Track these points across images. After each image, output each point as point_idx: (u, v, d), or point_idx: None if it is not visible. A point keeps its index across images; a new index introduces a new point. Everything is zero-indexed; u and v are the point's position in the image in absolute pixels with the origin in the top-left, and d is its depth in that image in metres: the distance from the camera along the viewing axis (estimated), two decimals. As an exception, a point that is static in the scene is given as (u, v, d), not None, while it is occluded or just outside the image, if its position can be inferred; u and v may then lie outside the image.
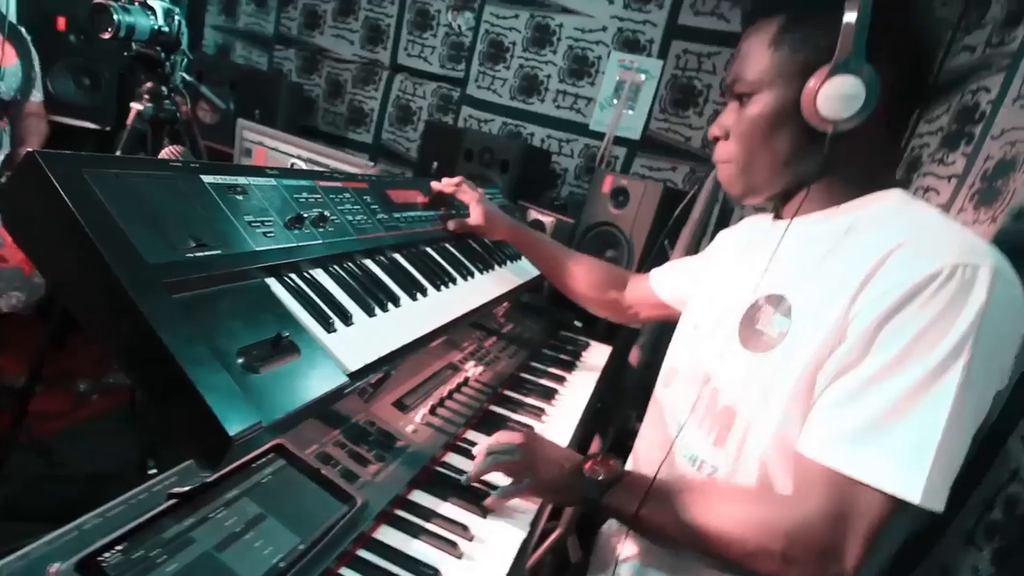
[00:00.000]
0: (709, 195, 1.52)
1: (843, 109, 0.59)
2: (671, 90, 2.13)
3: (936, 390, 0.51)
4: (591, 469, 0.73)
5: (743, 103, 0.67)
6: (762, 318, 0.66)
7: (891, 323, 0.54)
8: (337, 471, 0.71)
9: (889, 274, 0.55)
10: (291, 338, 0.57)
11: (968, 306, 0.52)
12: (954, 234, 0.57)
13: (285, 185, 0.74)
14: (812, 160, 0.64)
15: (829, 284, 0.60)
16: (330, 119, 2.80)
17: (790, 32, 0.63)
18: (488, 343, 1.28)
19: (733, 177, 0.71)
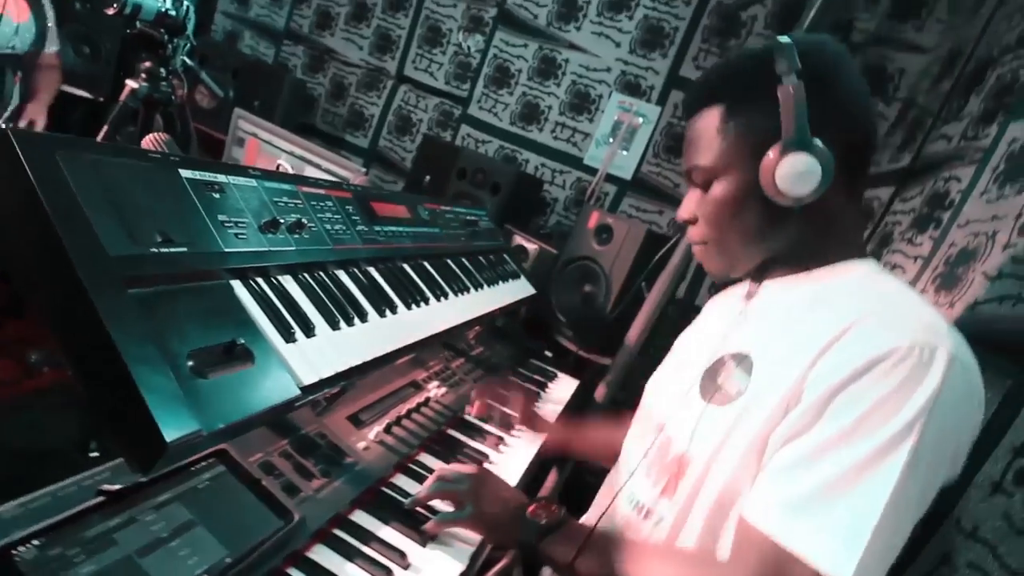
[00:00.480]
0: (689, 244, 1.55)
1: (803, 185, 0.61)
2: (666, 137, 2.19)
3: (881, 468, 0.51)
4: (533, 512, 0.73)
5: (705, 188, 0.69)
6: (724, 373, 0.67)
7: (844, 394, 0.54)
8: (279, 483, 0.70)
9: (848, 345, 0.56)
10: (247, 345, 0.56)
11: (922, 387, 0.52)
12: (917, 312, 0.58)
13: (266, 187, 0.74)
14: (782, 233, 0.67)
15: (791, 348, 0.61)
16: (329, 119, 2.80)
17: (734, 118, 0.65)
18: (455, 364, 1.27)
19: (710, 257, 0.73)
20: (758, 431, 0.60)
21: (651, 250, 1.64)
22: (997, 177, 1.02)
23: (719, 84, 0.69)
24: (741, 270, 0.73)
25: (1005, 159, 1.02)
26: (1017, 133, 1.02)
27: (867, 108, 0.67)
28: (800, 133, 0.60)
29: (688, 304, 2.16)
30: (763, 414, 0.59)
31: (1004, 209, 0.94)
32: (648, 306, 1.60)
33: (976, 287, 0.93)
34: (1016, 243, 0.87)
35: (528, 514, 0.73)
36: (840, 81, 0.64)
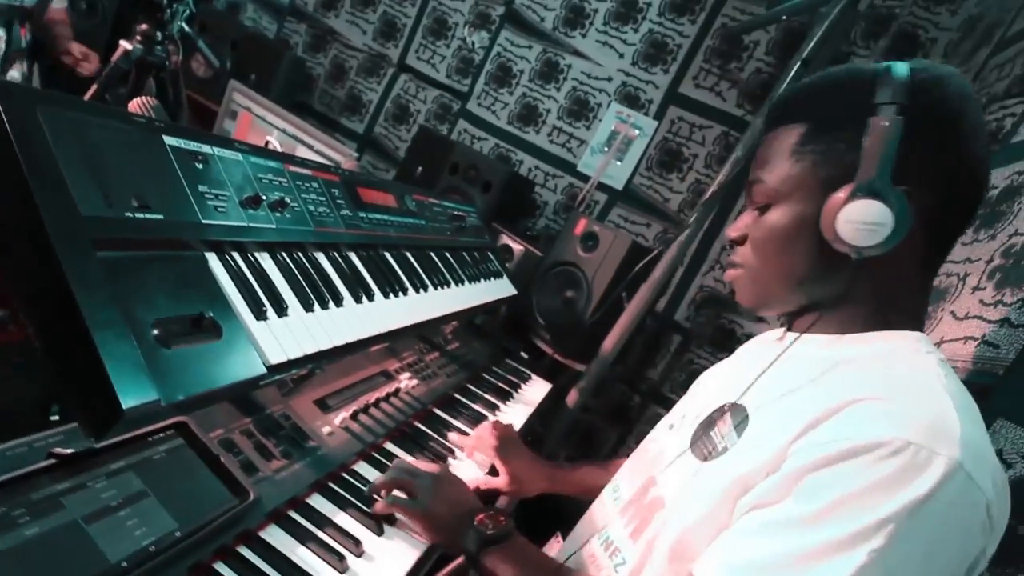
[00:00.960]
0: (673, 258, 1.57)
1: (867, 236, 0.53)
2: (660, 151, 2.21)
3: (831, 563, 0.46)
4: (481, 521, 0.72)
5: (762, 211, 0.63)
6: (718, 426, 0.63)
7: (818, 475, 0.49)
8: (237, 461, 0.69)
9: (839, 424, 0.50)
10: (215, 319, 0.56)
11: (905, 491, 0.45)
12: (930, 408, 0.49)
13: (252, 162, 0.73)
14: (831, 283, 0.59)
15: (787, 414, 0.55)
16: (326, 101, 2.77)
17: (812, 143, 0.58)
18: (429, 357, 1.27)
19: (745, 285, 0.66)
20: (726, 493, 0.55)
21: (635, 261, 1.65)
22: (974, 222, 1.05)
23: (807, 101, 0.62)
24: (774, 310, 0.67)
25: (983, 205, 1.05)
26: (996, 181, 1.05)
27: (977, 167, 0.56)
28: (879, 176, 0.52)
29: (667, 318, 2.19)
30: (736, 477, 0.55)
31: (977, 253, 0.96)
32: (626, 316, 1.62)
33: (944, 326, 0.95)
34: (984, 287, 0.90)
35: (476, 522, 0.72)
36: (951, 129, 0.55)
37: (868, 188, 0.53)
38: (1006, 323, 0.80)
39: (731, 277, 0.68)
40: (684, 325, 2.16)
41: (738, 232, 0.66)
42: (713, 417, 0.65)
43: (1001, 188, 1.02)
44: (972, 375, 0.82)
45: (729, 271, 0.69)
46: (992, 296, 0.87)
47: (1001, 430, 0.71)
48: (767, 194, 0.62)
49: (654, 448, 0.78)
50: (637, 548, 0.64)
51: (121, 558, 0.52)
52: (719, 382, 0.77)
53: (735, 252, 0.67)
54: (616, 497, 0.77)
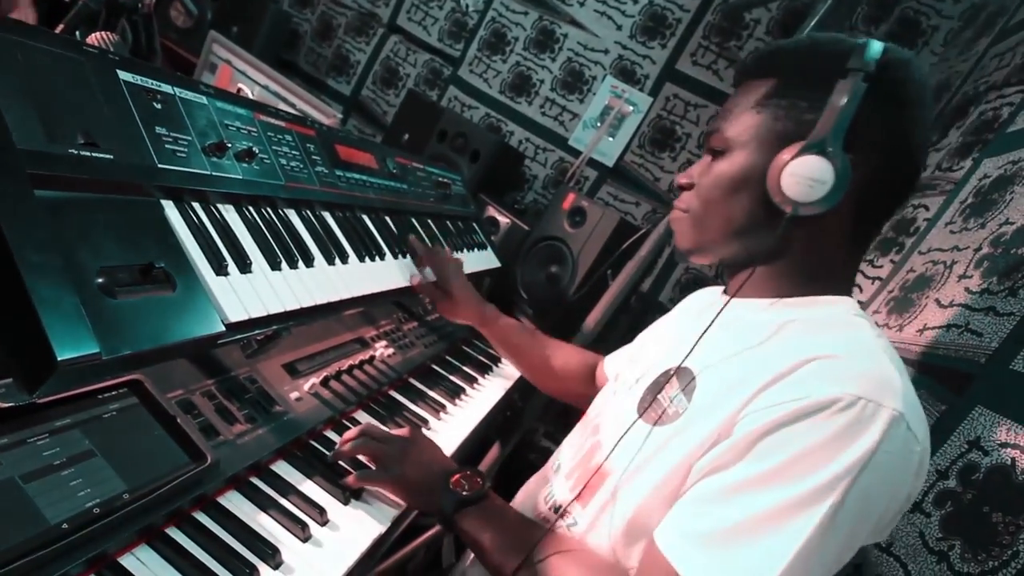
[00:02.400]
0: (660, 237, 1.55)
1: (806, 192, 0.55)
2: (653, 129, 2.16)
3: (794, 521, 0.47)
4: (456, 482, 0.70)
5: (715, 158, 0.65)
6: (666, 390, 0.63)
7: (773, 436, 0.50)
8: (197, 423, 0.66)
9: (791, 385, 0.52)
10: (168, 270, 0.52)
11: (855, 445, 0.47)
12: (875, 364, 0.52)
13: (218, 107, 0.68)
14: (766, 237, 0.61)
15: (737, 378, 0.56)
16: (312, 59, 2.67)
17: (777, 97, 0.61)
18: (407, 326, 1.24)
19: (685, 229, 0.68)
20: (682, 459, 0.56)
21: (622, 239, 1.62)
22: (964, 210, 1.03)
23: (782, 58, 0.63)
24: (708, 257, 0.69)
25: (974, 193, 1.04)
26: (989, 170, 1.04)
27: (918, 154, 0.60)
28: (833, 136, 0.54)
29: (651, 299, 2.18)
30: (691, 442, 0.56)
31: (966, 241, 0.95)
32: (610, 294, 1.60)
33: (927, 313, 0.94)
34: (971, 275, 0.88)
35: (451, 484, 0.70)
36: (907, 108, 0.58)
37: (819, 145, 0.55)
38: (991, 311, 0.79)
39: (673, 219, 0.70)
40: (668, 306, 2.15)
41: (687, 179, 0.68)
42: (659, 381, 0.66)
43: (994, 177, 1.00)
44: (953, 362, 0.81)
45: (673, 213, 0.70)
46: (978, 284, 0.86)
47: (980, 418, 0.71)
48: (722, 141, 0.64)
49: (593, 413, 0.78)
50: (588, 513, 0.64)
51: (62, 519, 0.49)
52: (662, 345, 0.77)
53: (681, 198, 0.69)
54: (559, 463, 0.76)
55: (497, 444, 1.79)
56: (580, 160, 2.18)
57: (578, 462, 0.71)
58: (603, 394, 0.85)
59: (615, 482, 0.61)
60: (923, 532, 0.68)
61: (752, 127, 0.61)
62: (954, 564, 0.62)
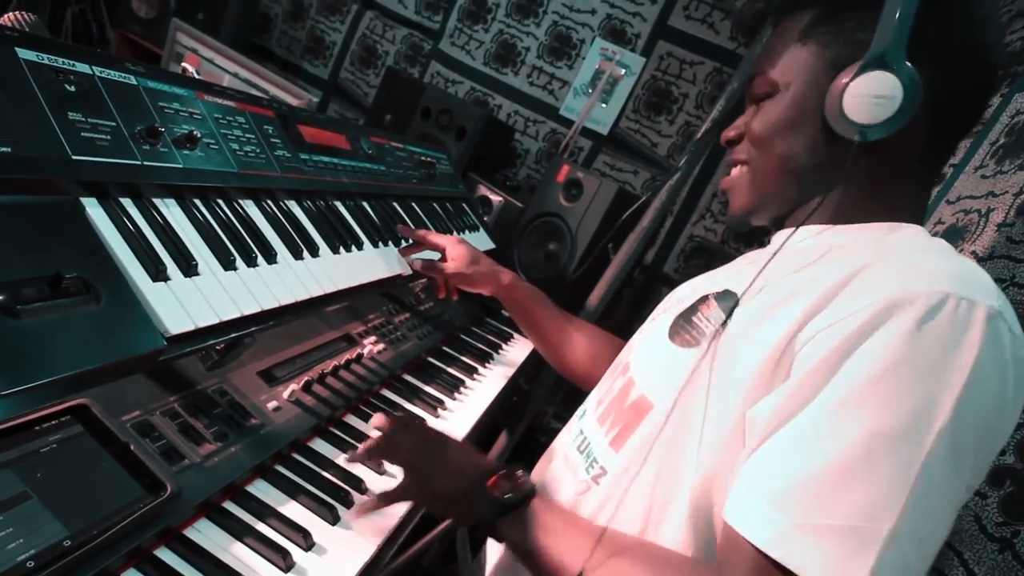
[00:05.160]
0: (661, 205, 1.46)
1: (873, 112, 0.49)
2: (648, 91, 2.05)
3: (897, 457, 0.39)
4: (495, 484, 0.60)
5: (761, 104, 0.59)
6: (702, 311, 0.57)
7: (847, 358, 0.42)
8: (156, 448, 0.58)
9: (854, 294, 0.44)
10: (87, 278, 0.44)
11: (957, 351, 0.39)
12: (955, 261, 0.46)
13: (149, 88, 0.59)
14: (830, 173, 0.54)
15: (785, 294, 0.50)
16: (286, 43, 2.55)
17: (822, 25, 0.55)
18: (399, 319, 1.16)
19: (743, 185, 0.61)
20: (729, 384, 0.49)
21: (621, 210, 1.53)
22: (996, 151, 0.94)
23: None
24: (770, 211, 0.61)
25: (1006, 132, 0.94)
26: (1021, 105, 0.94)
27: (990, 51, 0.53)
28: (895, 47, 0.48)
29: (656, 270, 2.09)
30: (736, 372, 0.49)
31: (1002, 185, 0.86)
32: (612, 269, 1.51)
33: (961, 268, 0.86)
34: (1013, 222, 0.80)
35: (489, 487, 0.60)
36: (968, 10, 0.52)
37: (880, 59, 0.49)
38: (1041, 262, 0.71)
39: (729, 180, 0.64)
40: (674, 277, 2.06)
41: (736, 131, 0.63)
42: (695, 306, 0.60)
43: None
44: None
45: (727, 176, 0.64)
46: (1023, 232, 0.77)
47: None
48: (768, 84, 0.58)
49: (624, 355, 0.71)
50: (621, 457, 0.58)
51: (-13, 579, 0.42)
52: (695, 286, 0.69)
53: (732, 152, 0.63)
54: (584, 409, 0.70)
55: (505, 432, 1.73)
56: (573, 130, 2.08)
57: (611, 403, 0.63)
58: (635, 338, 0.77)
59: (655, 418, 0.54)
60: (979, 515, 0.61)
61: (800, 60, 0.56)
62: (1021, 553, 0.55)
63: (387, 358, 1.00)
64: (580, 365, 1.00)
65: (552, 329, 1.02)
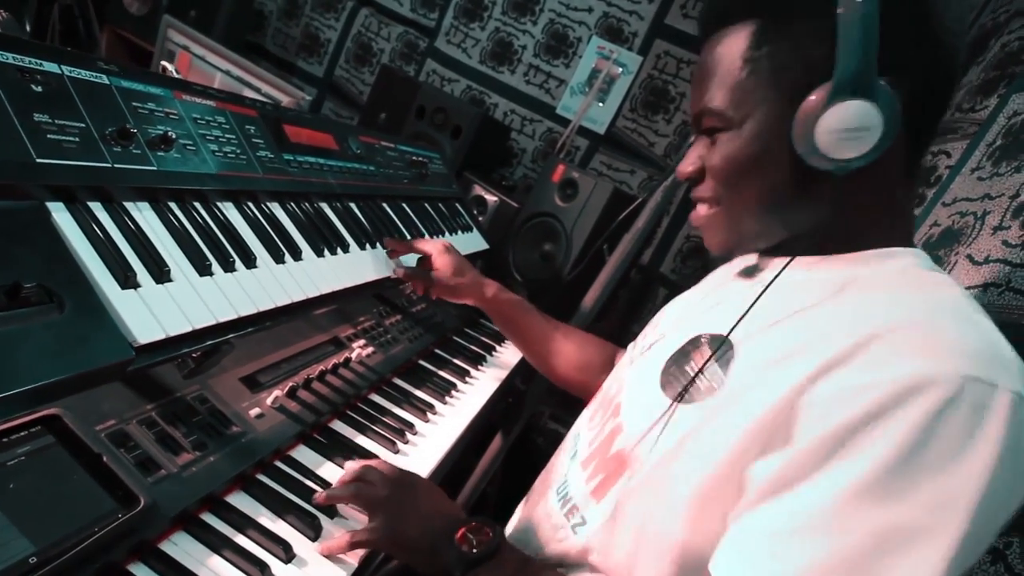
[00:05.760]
0: (657, 206, 1.44)
1: (851, 147, 0.44)
2: (645, 90, 2.03)
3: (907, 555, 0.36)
4: (462, 538, 0.59)
5: (716, 137, 0.53)
6: (695, 360, 0.53)
7: (858, 437, 0.39)
8: (131, 458, 0.57)
9: (868, 365, 0.40)
10: (50, 287, 0.42)
11: (975, 446, 0.36)
12: (973, 333, 0.42)
13: (122, 88, 0.57)
14: (812, 205, 0.50)
15: (787, 348, 0.46)
16: (281, 40, 2.53)
17: (768, 43, 0.48)
18: (389, 321, 1.15)
19: (714, 225, 0.56)
20: (725, 448, 0.46)
21: (617, 211, 1.51)
22: (992, 153, 0.92)
23: None
24: (748, 248, 0.58)
25: (1003, 134, 0.93)
26: (1019, 106, 0.93)
27: (961, 32, 0.48)
28: (863, 70, 0.42)
29: (652, 271, 2.08)
30: (735, 429, 0.46)
31: (998, 188, 0.85)
32: (608, 270, 1.50)
33: (959, 271, 0.84)
34: (1009, 225, 0.78)
35: (456, 540, 0.59)
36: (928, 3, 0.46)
37: (852, 85, 0.43)
38: (1039, 267, 0.69)
39: (700, 217, 0.57)
40: (671, 277, 2.05)
41: (693, 166, 0.56)
42: (686, 349, 0.56)
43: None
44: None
45: (697, 211, 0.58)
46: (1018, 236, 0.76)
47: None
48: (717, 118, 0.51)
49: (614, 387, 0.68)
50: (602, 509, 0.55)
51: (-54, 600, 0.40)
52: (687, 311, 0.66)
53: (696, 190, 0.57)
54: (576, 448, 0.67)
55: (500, 434, 1.71)
56: (569, 129, 2.06)
57: (597, 448, 0.61)
58: (620, 366, 0.74)
59: (636, 476, 0.52)
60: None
61: (750, 89, 0.49)
62: (1013, 565, 0.54)
63: (376, 361, 0.99)
64: (570, 374, 1.00)
65: (538, 339, 1.01)
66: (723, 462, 0.45)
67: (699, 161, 0.55)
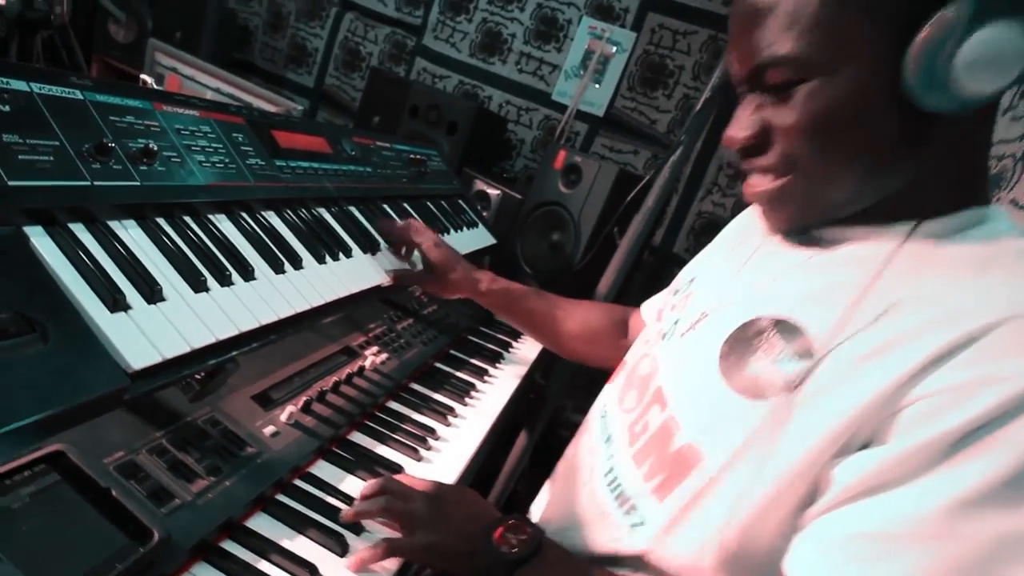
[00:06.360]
0: (666, 183, 1.39)
1: (993, 77, 0.38)
2: (641, 67, 1.98)
3: None
4: (500, 538, 0.56)
5: (790, 94, 0.44)
6: (764, 348, 0.47)
7: (972, 440, 0.35)
8: (143, 489, 0.54)
9: (979, 362, 0.36)
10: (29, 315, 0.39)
11: None
12: None
13: (97, 102, 0.54)
14: (917, 159, 0.43)
15: (885, 336, 0.40)
16: (268, 54, 2.51)
17: None
18: (401, 325, 1.11)
19: (793, 195, 0.48)
20: (800, 448, 0.41)
21: (624, 192, 1.47)
22: (1024, 90, 0.87)
23: None
24: (827, 219, 0.49)
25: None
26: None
27: None
28: None
29: (666, 251, 2.02)
30: (816, 426, 0.41)
31: (1036, 126, 0.79)
32: (620, 254, 1.45)
33: (999, 219, 0.79)
34: (1053, 164, 0.73)
35: (495, 541, 0.56)
36: None
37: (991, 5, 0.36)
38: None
39: (762, 191, 0.49)
40: (685, 256, 2.00)
41: (751, 130, 0.47)
42: (746, 334, 0.49)
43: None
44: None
45: (754, 184, 0.50)
46: (1064, 175, 0.70)
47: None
48: (797, 68, 0.43)
49: (645, 365, 0.63)
50: (665, 509, 0.51)
51: (-48, 659, 0.38)
52: (727, 282, 0.59)
53: (758, 160, 0.49)
54: (608, 431, 0.62)
55: (524, 431, 1.68)
56: (567, 114, 2.01)
57: (650, 443, 0.56)
58: (648, 339, 0.69)
59: (706, 475, 0.47)
60: None
61: (841, 24, 0.41)
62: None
63: (391, 368, 0.96)
64: (580, 348, 0.98)
65: (542, 321, 0.99)
66: (802, 461, 0.41)
67: (759, 123, 0.47)
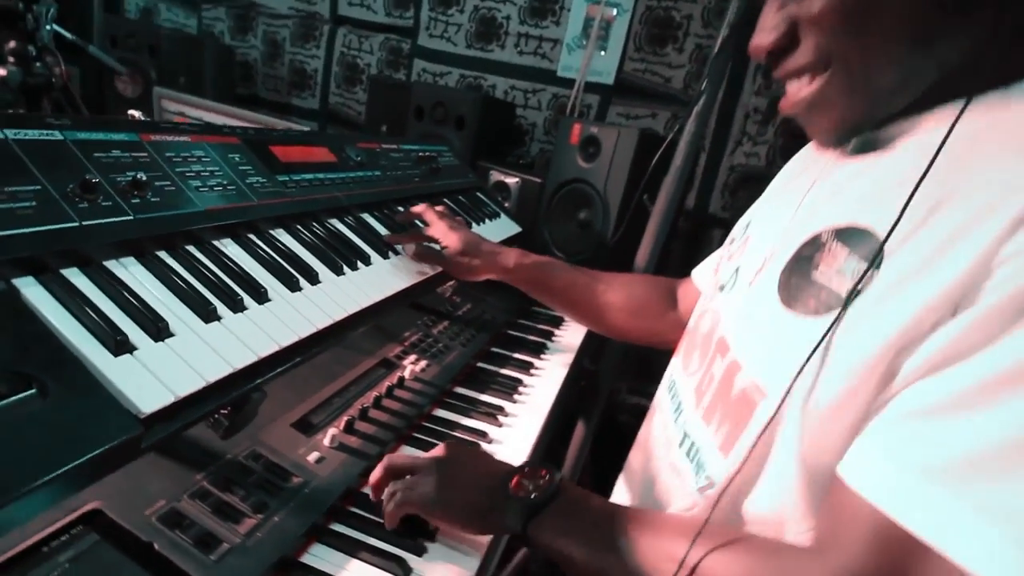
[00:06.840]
0: (692, 137, 1.30)
1: None
2: (647, 25, 1.88)
3: None
4: (518, 486, 0.53)
5: None
6: (826, 263, 0.43)
7: None
8: (188, 538, 0.51)
9: None
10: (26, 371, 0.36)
11: None
12: None
13: (79, 140, 0.51)
14: (968, 30, 0.39)
15: (958, 219, 0.36)
16: (271, 85, 2.52)
17: None
18: (437, 329, 1.07)
19: (837, 92, 0.44)
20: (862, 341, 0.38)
21: (648, 156, 1.38)
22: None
23: None
24: (882, 109, 0.45)
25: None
26: None
27: None
28: None
29: (701, 214, 1.92)
30: (881, 317, 0.37)
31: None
32: (653, 222, 1.37)
33: None
34: None
35: (511, 489, 0.53)
36: None
37: None
38: None
39: (801, 98, 0.45)
40: (722, 216, 1.89)
41: (777, 30, 0.44)
42: (808, 254, 0.46)
43: None
44: None
45: (792, 93, 0.46)
46: None
47: None
48: None
49: (706, 323, 0.59)
50: (728, 465, 0.47)
51: None
52: (782, 224, 0.54)
53: (788, 62, 0.45)
54: (679, 401, 0.59)
55: (581, 421, 1.62)
56: (576, 88, 1.93)
57: (715, 395, 0.52)
58: (707, 302, 0.65)
59: (770, 409, 0.42)
60: None
61: None
62: None
63: (433, 374, 0.91)
64: (627, 323, 0.90)
65: (582, 297, 0.91)
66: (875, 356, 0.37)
67: (786, 21, 0.43)
